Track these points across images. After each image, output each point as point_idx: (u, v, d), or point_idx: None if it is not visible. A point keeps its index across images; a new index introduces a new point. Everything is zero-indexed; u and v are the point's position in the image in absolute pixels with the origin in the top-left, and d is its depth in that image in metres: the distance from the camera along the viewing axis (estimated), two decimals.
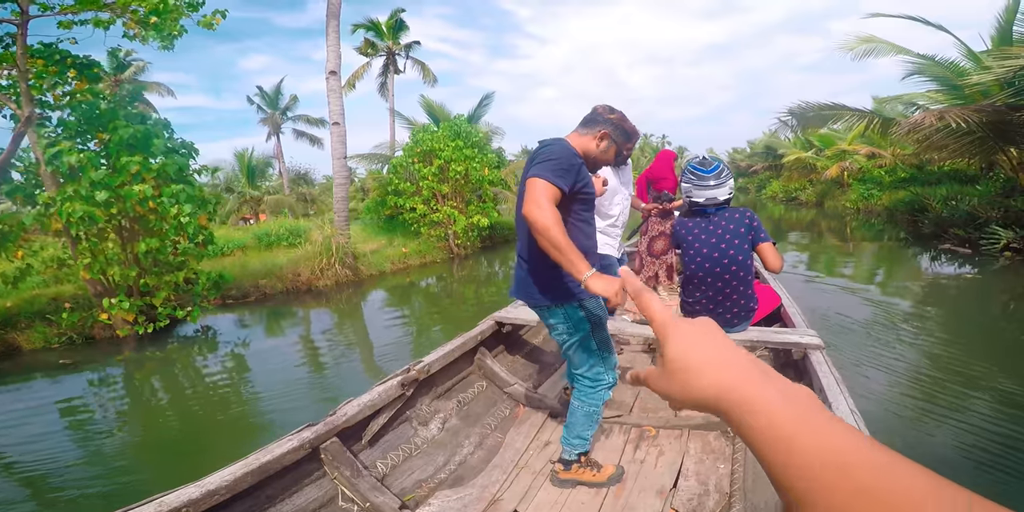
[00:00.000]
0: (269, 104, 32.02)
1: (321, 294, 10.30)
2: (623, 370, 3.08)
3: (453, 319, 7.81)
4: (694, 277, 2.88)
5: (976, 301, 6.76)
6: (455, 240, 13.00)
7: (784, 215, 21.48)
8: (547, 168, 1.82)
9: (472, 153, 12.39)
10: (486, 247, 15.08)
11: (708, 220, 2.83)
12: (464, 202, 13.06)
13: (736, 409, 0.36)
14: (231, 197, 29.08)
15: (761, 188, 33.79)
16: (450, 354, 3.05)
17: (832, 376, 2.44)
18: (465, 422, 2.88)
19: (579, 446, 2.24)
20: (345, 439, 2.29)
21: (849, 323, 5.69)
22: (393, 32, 28.41)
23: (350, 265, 10.89)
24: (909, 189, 16.02)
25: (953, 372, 4.31)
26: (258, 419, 4.67)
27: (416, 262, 12.57)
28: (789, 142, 32.75)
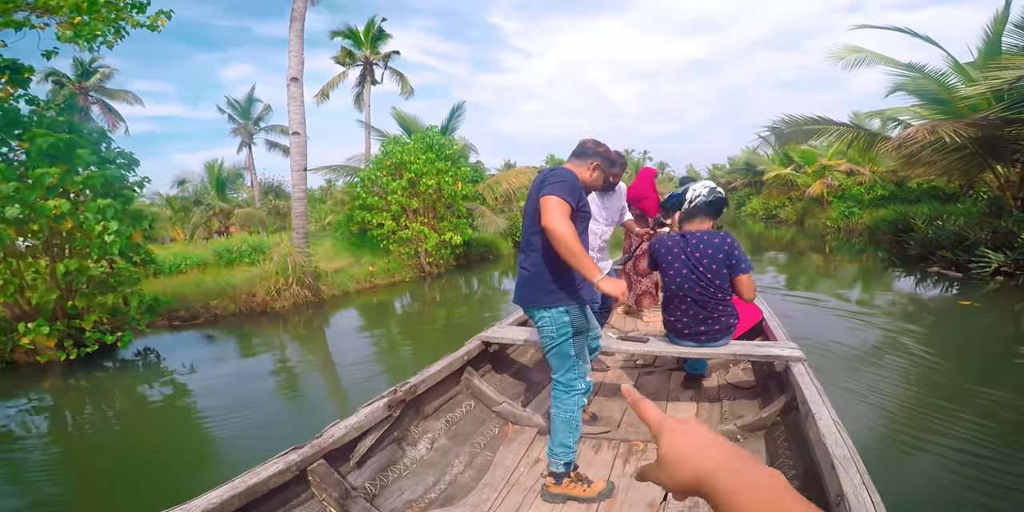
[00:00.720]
0: (241, 114, 31.25)
1: (278, 316, 9.60)
2: (611, 386, 3.54)
3: (420, 343, 7.31)
4: (674, 297, 2.94)
5: (971, 328, 6.37)
6: (426, 258, 12.37)
7: (764, 233, 21.20)
8: (560, 188, 2.09)
9: (444, 166, 11.82)
10: (461, 265, 14.47)
11: (686, 241, 2.87)
12: (436, 218, 12.46)
13: (714, 495, 0.43)
14: (199, 209, 28.19)
15: (741, 205, 33.65)
16: (437, 374, 3.05)
17: (814, 387, 2.51)
18: (454, 441, 2.90)
19: (563, 455, 2.33)
20: (332, 461, 2.27)
21: (841, 349, 5.39)
22: (372, 41, 27.89)
23: (310, 285, 10.20)
24: (890, 207, 15.80)
25: (945, 397, 4.20)
26: (188, 456, 4.23)
27: (384, 281, 11.91)
28: (769, 158, 32.82)
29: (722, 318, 2.91)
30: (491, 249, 16.06)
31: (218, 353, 7.56)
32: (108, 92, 28.67)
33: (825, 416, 2.18)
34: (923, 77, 9.83)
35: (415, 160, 11.56)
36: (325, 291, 10.65)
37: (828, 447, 1.93)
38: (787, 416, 2.74)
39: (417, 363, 3.58)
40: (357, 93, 28.19)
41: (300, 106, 10.26)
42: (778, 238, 18.89)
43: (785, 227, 21.44)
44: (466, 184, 12.59)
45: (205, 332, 8.70)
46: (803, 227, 20.57)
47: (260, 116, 31.54)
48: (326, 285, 10.76)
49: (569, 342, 2.33)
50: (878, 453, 3.25)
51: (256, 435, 4.30)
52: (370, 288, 11.57)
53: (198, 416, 5.07)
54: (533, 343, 3.44)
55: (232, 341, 8.29)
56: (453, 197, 11.98)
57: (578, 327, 2.34)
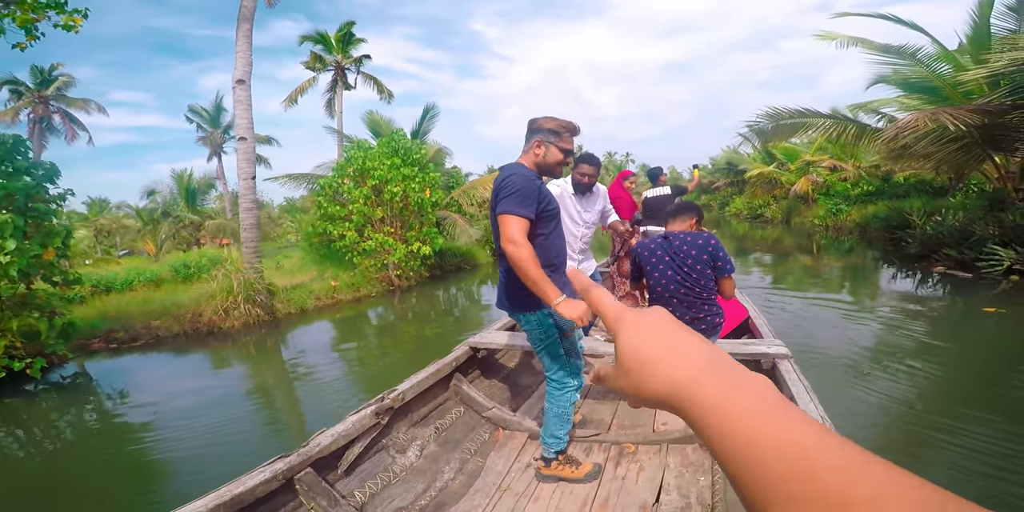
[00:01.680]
0: (209, 122, 30.25)
1: (227, 337, 8.76)
2: (600, 388, 3.45)
3: (381, 365, 6.63)
4: (660, 299, 2.92)
5: (1008, 338, 5.66)
6: (394, 271, 11.55)
7: (749, 233, 20.59)
8: (512, 203, 2.03)
9: (411, 172, 11.00)
10: (435, 277, 13.65)
11: (670, 244, 2.85)
12: (404, 228, 11.65)
13: (689, 406, 0.33)
14: (168, 221, 27.30)
15: (724, 205, 33.15)
16: (424, 381, 3.04)
17: (801, 384, 2.52)
18: (444, 448, 2.87)
19: (555, 445, 2.41)
20: (320, 469, 2.24)
21: (847, 359, 4.89)
22: (343, 45, 27.12)
23: (262, 303, 9.35)
24: (879, 203, 15.26)
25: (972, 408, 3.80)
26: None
27: (348, 297, 11.06)
28: (750, 157, 32.37)
29: (708, 317, 2.87)
30: (467, 258, 15.25)
31: (151, 379, 6.82)
32: (68, 101, 27.64)
33: (812, 413, 2.17)
34: (913, 63, 9.18)
35: (379, 166, 10.76)
36: (280, 309, 9.81)
37: None
38: None
39: (373, 389, 3.42)
40: (329, 99, 27.40)
41: (247, 110, 9.43)
42: (764, 238, 18.28)
43: (771, 226, 20.80)
44: (436, 191, 11.79)
45: (147, 355, 7.96)
46: (789, 226, 19.95)
47: (229, 124, 30.52)
48: (281, 303, 9.92)
49: (557, 342, 2.34)
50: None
51: (172, 473, 3.89)
52: (332, 304, 10.73)
53: (107, 451, 4.50)
54: (521, 347, 3.47)
55: (168, 365, 7.56)
56: (421, 205, 11.16)
57: (564, 326, 2.34)
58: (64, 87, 27.37)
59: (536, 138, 2.23)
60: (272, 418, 5.19)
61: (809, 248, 14.27)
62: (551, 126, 2.25)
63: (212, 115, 30.19)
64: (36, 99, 26.38)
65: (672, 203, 4.61)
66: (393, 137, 11.67)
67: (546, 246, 2.22)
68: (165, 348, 8.36)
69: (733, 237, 20.67)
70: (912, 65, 9.21)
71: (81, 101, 27.97)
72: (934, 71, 9.16)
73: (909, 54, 9.01)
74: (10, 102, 26.32)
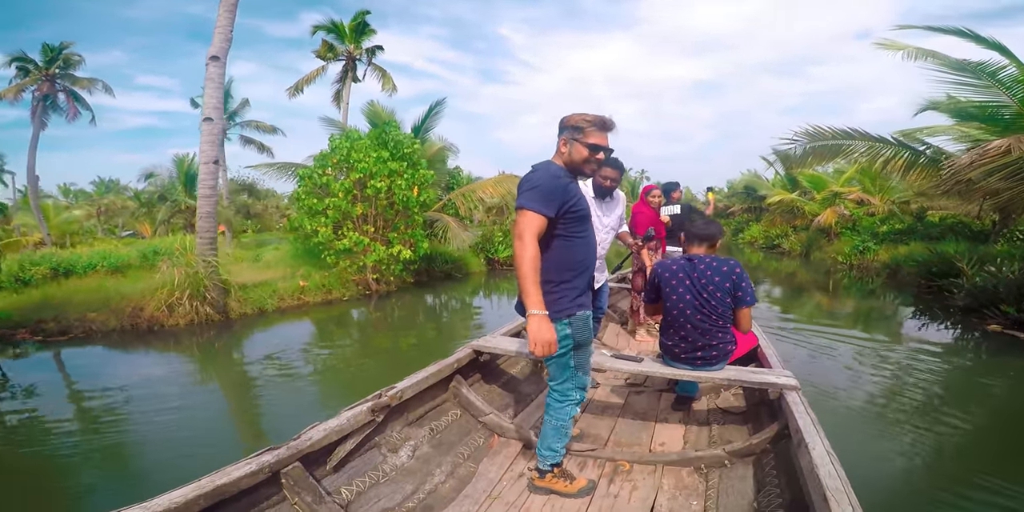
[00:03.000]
0: None
1: (168, 336, 7.79)
2: (600, 403, 3.59)
3: (336, 383, 5.85)
4: (675, 322, 2.87)
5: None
6: (372, 274, 10.40)
7: (764, 264, 19.31)
8: (532, 197, 1.99)
9: (399, 167, 9.87)
10: (420, 283, 12.50)
11: (693, 267, 2.80)
12: (388, 228, 10.51)
13: None
14: (164, 205, 26.48)
15: (738, 232, 31.81)
16: (424, 381, 2.98)
17: (808, 416, 2.45)
18: (437, 450, 2.81)
19: (550, 457, 2.38)
20: (308, 464, 2.19)
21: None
22: (355, 35, 26.21)
23: (213, 301, 8.25)
24: (911, 244, 14.00)
25: None
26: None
27: (317, 299, 9.93)
28: (770, 182, 31.11)
29: (720, 345, 2.86)
30: (458, 266, 14.09)
31: (73, 377, 6.29)
32: (74, 79, 26.84)
33: (819, 446, 2.11)
34: (989, 84, 7.90)
35: (364, 158, 9.64)
36: (235, 309, 8.71)
37: (820, 478, 1.86)
38: (778, 444, 2.62)
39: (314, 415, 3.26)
40: (337, 90, 26.45)
41: (218, 89, 8.44)
42: (779, 271, 17.03)
43: (788, 259, 19.46)
44: (427, 190, 10.65)
45: (75, 349, 7.27)
46: (808, 260, 18.63)
47: (236, 110, 29.57)
48: (237, 301, 8.81)
49: (570, 354, 2.25)
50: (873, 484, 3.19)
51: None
52: (298, 306, 9.60)
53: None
54: (526, 355, 3.36)
55: (91, 363, 6.88)
56: (407, 204, 10.00)
57: (580, 340, 2.25)
58: (72, 66, 26.62)
59: (562, 136, 2.18)
60: (165, 442, 4.17)
61: (830, 286, 13.01)
62: (575, 121, 2.16)
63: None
64: (43, 77, 25.60)
65: (682, 222, 4.58)
66: (384, 128, 10.56)
67: (569, 248, 2.14)
68: (96, 343, 7.56)
69: (746, 266, 19.35)
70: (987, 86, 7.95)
71: (87, 80, 27.16)
72: (1015, 94, 7.91)
73: (989, 72, 7.75)
74: (16, 79, 25.61)
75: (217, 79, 8.42)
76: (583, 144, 2.12)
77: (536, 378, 4.01)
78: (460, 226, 12.06)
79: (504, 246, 15.90)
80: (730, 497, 2.36)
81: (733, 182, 40.50)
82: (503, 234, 16.94)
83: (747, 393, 3.55)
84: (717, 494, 2.40)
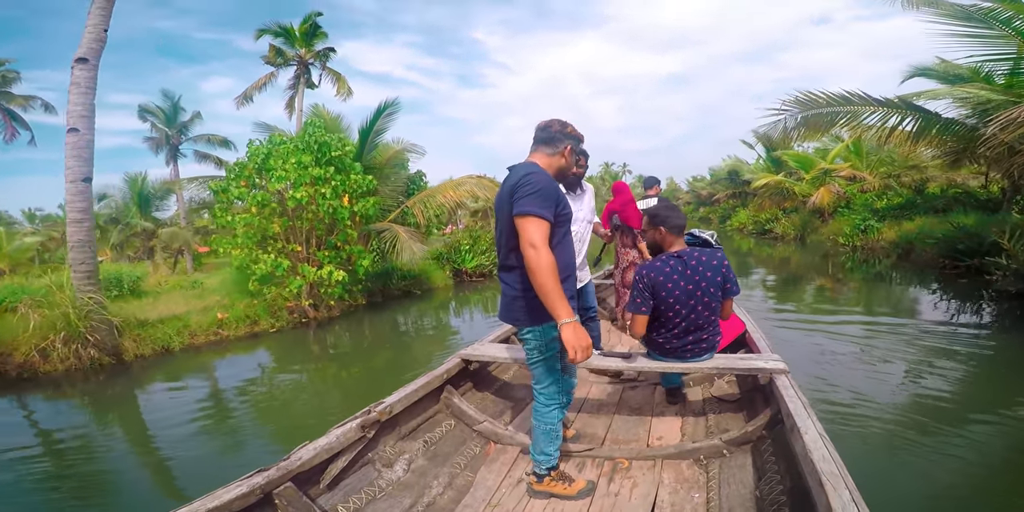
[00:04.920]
0: (165, 121, 27.59)
1: (46, 384, 6.45)
2: (595, 402, 3.56)
3: (248, 440, 4.66)
4: (668, 321, 2.79)
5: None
6: (306, 299, 8.91)
7: (756, 251, 17.95)
8: (535, 202, 1.92)
9: (323, 173, 8.38)
10: (374, 303, 11.00)
11: (684, 264, 2.74)
12: (321, 245, 9.03)
13: None
14: (117, 228, 24.90)
15: (726, 219, 30.52)
16: (414, 394, 2.96)
17: (799, 400, 2.44)
18: (433, 462, 2.78)
19: (545, 462, 2.36)
20: (301, 483, 2.16)
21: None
22: (307, 39, 24.71)
23: (99, 342, 6.80)
24: (918, 218, 12.68)
25: None
26: None
27: (240, 332, 8.42)
28: (752, 166, 29.84)
29: (710, 338, 2.84)
30: (419, 281, 12.59)
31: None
32: (10, 97, 25.18)
33: (811, 430, 2.09)
34: (1001, 33, 6.47)
35: (281, 166, 8.16)
36: (131, 349, 7.22)
37: (815, 462, 1.84)
38: (772, 430, 2.59)
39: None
40: (290, 96, 24.94)
41: (85, 95, 6.93)
42: (774, 257, 15.69)
43: (782, 244, 18.08)
44: (365, 199, 9.16)
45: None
46: (804, 244, 17.25)
47: (186, 124, 27.90)
48: (134, 341, 7.32)
49: (556, 358, 2.27)
50: (866, 468, 3.07)
51: None
52: (215, 343, 8.08)
53: None
54: (516, 360, 3.29)
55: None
56: (335, 216, 8.51)
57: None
58: (7, 83, 24.97)
59: (567, 144, 2.19)
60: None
61: (834, 271, 11.63)
62: (577, 134, 2.25)
63: (168, 114, 27.56)
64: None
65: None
66: (308, 129, 9.07)
67: (556, 253, 2.04)
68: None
69: (736, 253, 18.03)
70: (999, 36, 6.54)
71: (23, 98, 25.56)
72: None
73: (1003, 20, 6.29)
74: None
75: (84, 84, 6.94)
76: (579, 155, 2.47)
77: (529, 383, 3.60)
78: (414, 236, 10.55)
79: (472, 255, 14.43)
80: (731, 486, 2.30)
81: (715, 169, 39.25)
82: (472, 241, 15.49)
83: (740, 380, 3.48)
84: (719, 484, 2.36)
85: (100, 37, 7.16)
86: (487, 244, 15.24)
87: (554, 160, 2.17)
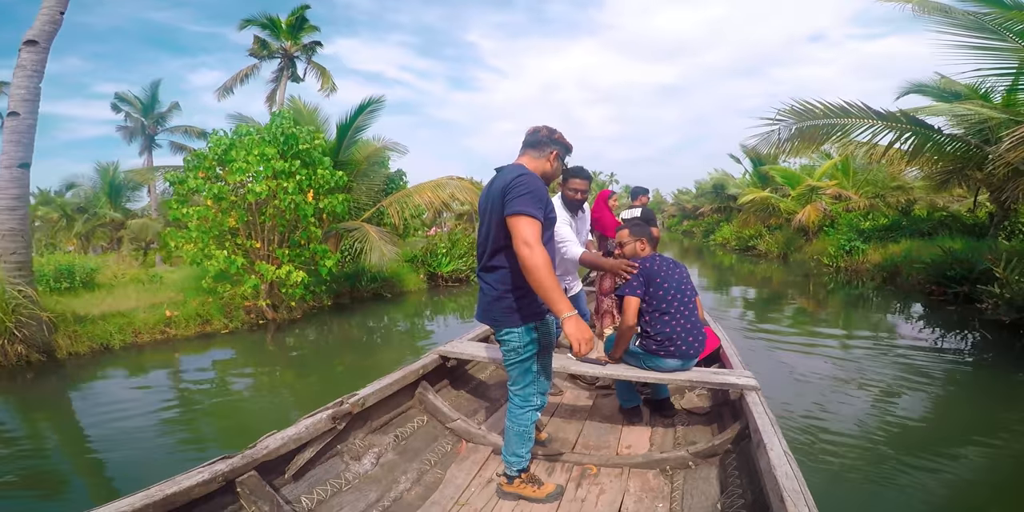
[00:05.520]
0: (142, 111, 26.80)
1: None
2: (567, 407, 3.59)
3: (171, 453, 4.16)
4: (665, 313, 2.87)
5: None
6: (264, 299, 8.36)
7: (736, 267, 17.66)
8: (529, 203, 1.94)
9: (287, 166, 7.87)
10: (340, 306, 10.47)
11: (667, 263, 2.94)
12: (283, 242, 8.49)
13: None
14: (84, 218, 24.08)
15: (709, 233, 30.32)
16: (388, 387, 2.94)
17: (767, 416, 2.47)
18: (402, 457, 2.76)
19: (516, 463, 2.36)
20: (265, 473, 2.12)
21: None
22: (293, 31, 24.11)
23: (27, 338, 6.23)
24: (905, 242, 12.43)
25: None
26: None
27: (190, 332, 7.84)
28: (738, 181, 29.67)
29: (700, 336, 2.92)
30: (389, 283, 12.06)
31: None
32: None
33: (777, 447, 2.12)
34: (1016, 45, 6.15)
35: (243, 157, 7.63)
36: (64, 346, 6.66)
37: (778, 478, 1.86)
38: (739, 444, 2.62)
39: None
40: (272, 90, 24.29)
41: (31, 78, 6.42)
42: (756, 275, 15.40)
43: (765, 262, 17.79)
44: (333, 195, 8.63)
45: None
46: (787, 263, 16.98)
47: (163, 114, 27.12)
48: (69, 337, 6.74)
49: (534, 358, 2.27)
50: (831, 489, 3.14)
51: None
52: (161, 342, 7.51)
53: None
54: (493, 360, 3.31)
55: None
56: (296, 212, 7.98)
57: (544, 344, 2.28)
58: None
59: (554, 150, 2.24)
60: None
61: (820, 295, 11.32)
62: (566, 143, 2.31)
63: (145, 104, 26.76)
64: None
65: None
66: (276, 121, 8.54)
67: (550, 251, 2.08)
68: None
69: (717, 268, 17.72)
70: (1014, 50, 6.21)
71: None
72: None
73: (1017, 31, 5.95)
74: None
75: (31, 67, 6.42)
76: (563, 166, 2.33)
77: (505, 383, 3.50)
78: (385, 237, 10.04)
79: (449, 259, 13.93)
80: (694, 498, 2.31)
81: (701, 182, 39.17)
82: (452, 244, 15.00)
83: (712, 393, 3.54)
84: (682, 496, 2.38)
85: (55, 19, 6.69)
86: (465, 248, 14.76)
87: (540, 164, 2.21)
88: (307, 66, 24.75)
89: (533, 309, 2.16)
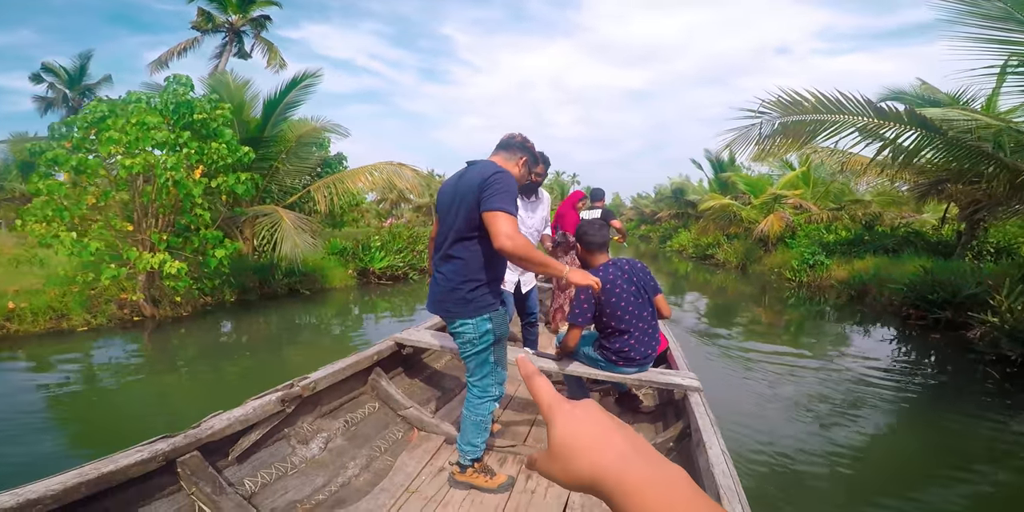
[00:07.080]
0: (67, 82, 24.58)
1: None
2: (521, 399, 3.56)
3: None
4: (628, 327, 2.79)
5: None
6: (139, 293, 6.96)
7: (692, 275, 16.86)
8: (506, 200, 2.00)
9: (172, 138, 6.49)
10: (245, 302, 9.09)
11: (620, 269, 2.82)
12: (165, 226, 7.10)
13: (612, 492, 0.36)
14: None
15: (666, 239, 29.69)
16: (341, 372, 2.90)
17: (708, 417, 2.52)
18: (352, 443, 2.73)
19: (471, 452, 2.37)
20: (208, 454, 2.07)
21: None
22: (242, 4, 22.38)
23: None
24: (870, 258, 11.76)
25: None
26: None
27: (39, 327, 6.44)
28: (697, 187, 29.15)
29: (653, 343, 2.87)
30: (310, 278, 10.71)
31: None
32: None
33: (715, 446, 2.17)
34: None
35: (119, 126, 6.26)
36: None
37: (715, 476, 1.91)
38: (680, 442, 2.71)
39: None
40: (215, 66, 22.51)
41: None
42: (711, 284, 14.62)
43: (723, 271, 17.04)
44: (230, 175, 7.25)
45: None
46: (745, 274, 16.23)
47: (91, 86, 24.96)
48: None
49: (490, 349, 2.29)
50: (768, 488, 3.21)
51: None
52: None
53: None
54: (449, 349, 3.25)
55: None
56: (179, 190, 6.57)
57: (499, 334, 2.29)
58: None
59: (523, 156, 2.32)
60: None
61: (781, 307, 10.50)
62: (536, 153, 2.44)
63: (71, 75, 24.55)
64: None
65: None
66: (170, 87, 7.15)
67: (493, 254, 2.15)
68: None
69: (671, 275, 16.89)
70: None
71: None
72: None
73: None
74: None
75: None
76: (532, 174, 2.55)
77: (461, 373, 3.84)
78: (304, 225, 8.72)
79: (384, 254, 12.64)
80: None
81: (661, 187, 38.68)
82: (391, 237, 13.74)
83: (658, 393, 3.63)
84: None
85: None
86: (404, 242, 13.51)
87: (509, 166, 2.28)
88: (255, 42, 23.09)
89: (487, 300, 2.20)
